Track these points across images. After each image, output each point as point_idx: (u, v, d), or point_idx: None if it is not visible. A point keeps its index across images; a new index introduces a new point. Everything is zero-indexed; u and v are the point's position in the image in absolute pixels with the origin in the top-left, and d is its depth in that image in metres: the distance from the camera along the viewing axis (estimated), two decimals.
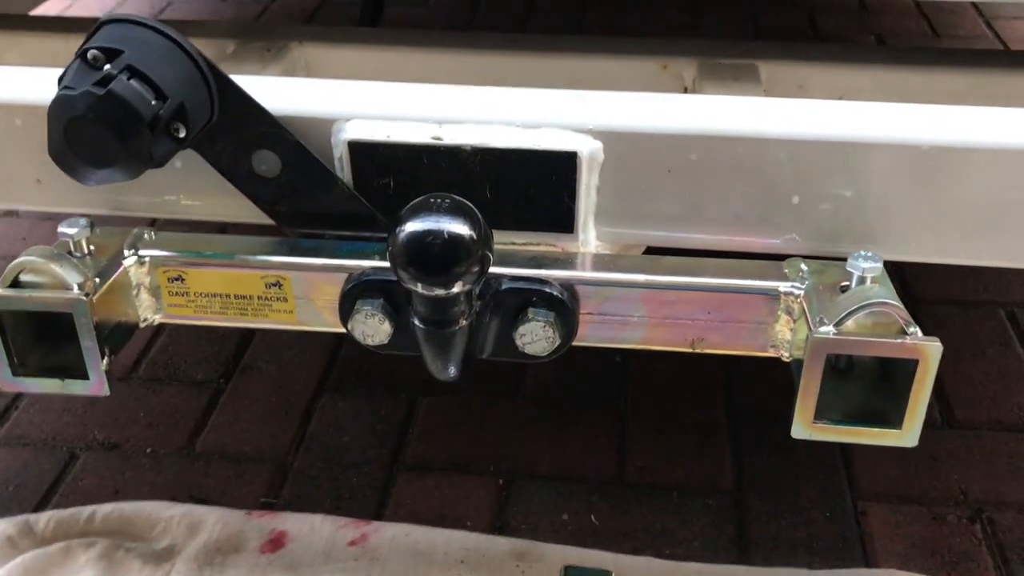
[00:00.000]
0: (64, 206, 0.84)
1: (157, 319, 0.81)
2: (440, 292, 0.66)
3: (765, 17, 2.59)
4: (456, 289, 0.66)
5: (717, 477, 1.29)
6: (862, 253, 0.72)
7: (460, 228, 0.64)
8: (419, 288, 0.66)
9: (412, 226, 0.64)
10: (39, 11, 1.36)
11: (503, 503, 1.25)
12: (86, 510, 1.19)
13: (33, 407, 1.41)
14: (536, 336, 0.75)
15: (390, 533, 1.17)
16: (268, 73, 0.93)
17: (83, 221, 0.77)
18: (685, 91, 0.96)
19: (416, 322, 0.70)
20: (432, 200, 0.66)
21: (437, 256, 0.64)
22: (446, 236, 0.64)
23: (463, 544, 1.16)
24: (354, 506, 1.25)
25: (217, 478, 1.29)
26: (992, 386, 1.42)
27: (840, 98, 0.88)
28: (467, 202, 0.66)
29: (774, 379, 1.44)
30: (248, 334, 1.55)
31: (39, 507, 1.24)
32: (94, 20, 1.05)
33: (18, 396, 1.43)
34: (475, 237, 0.65)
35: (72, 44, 1.00)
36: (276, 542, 1.17)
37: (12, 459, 1.32)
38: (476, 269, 0.66)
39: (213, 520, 1.19)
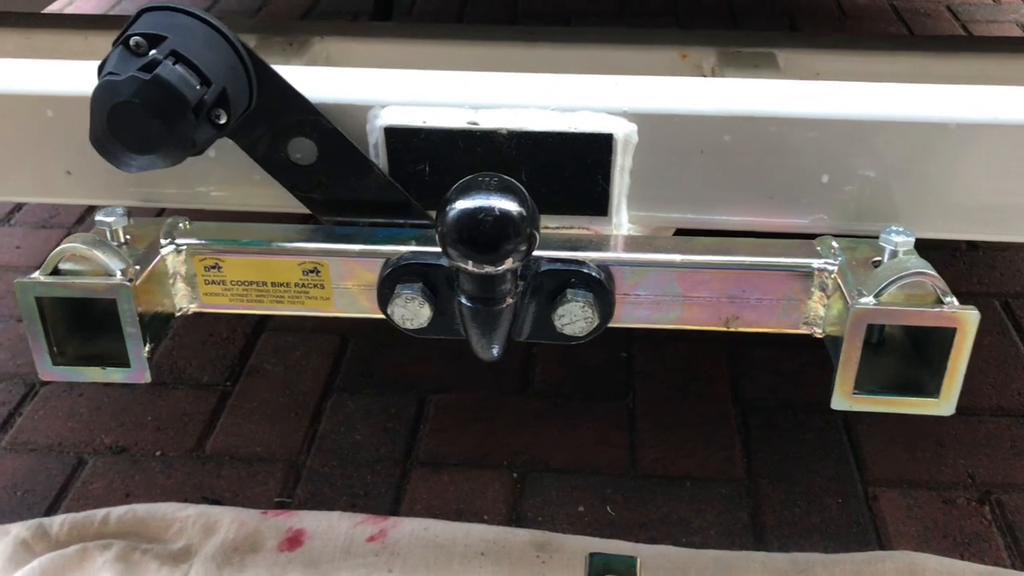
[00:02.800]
0: (94, 198, 0.84)
1: (193, 308, 0.81)
2: (489, 269, 0.67)
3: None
4: (505, 266, 0.67)
5: (728, 466, 1.30)
6: (894, 228, 0.74)
7: (510, 205, 0.65)
8: (469, 265, 0.66)
9: (462, 204, 0.65)
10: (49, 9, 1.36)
11: (518, 496, 1.25)
12: (100, 512, 1.18)
13: (38, 413, 1.40)
14: (575, 317, 0.75)
15: (409, 528, 1.17)
16: (291, 66, 0.93)
17: (120, 210, 0.77)
18: None
19: (463, 300, 0.71)
20: (480, 179, 0.67)
21: (488, 233, 0.65)
22: (497, 213, 0.65)
23: (483, 537, 1.16)
24: (370, 503, 1.25)
25: (229, 479, 1.29)
26: (992, 374, 1.45)
27: None
28: (514, 181, 0.67)
29: (778, 370, 1.46)
30: (253, 337, 1.55)
31: (49, 512, 1.23)
32: (107, 17, 1.05)
33: (22, 402, 1.41)
34: (524, 214, 0.66)
35: (91, 40, 1.00)
36: (294, 540, 1.16)
37: (19, 464, 1.31)
38: (524, 247, 0.67)
39: (229, 520, 1.18)
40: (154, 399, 1.42)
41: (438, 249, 0.73)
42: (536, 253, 0.74)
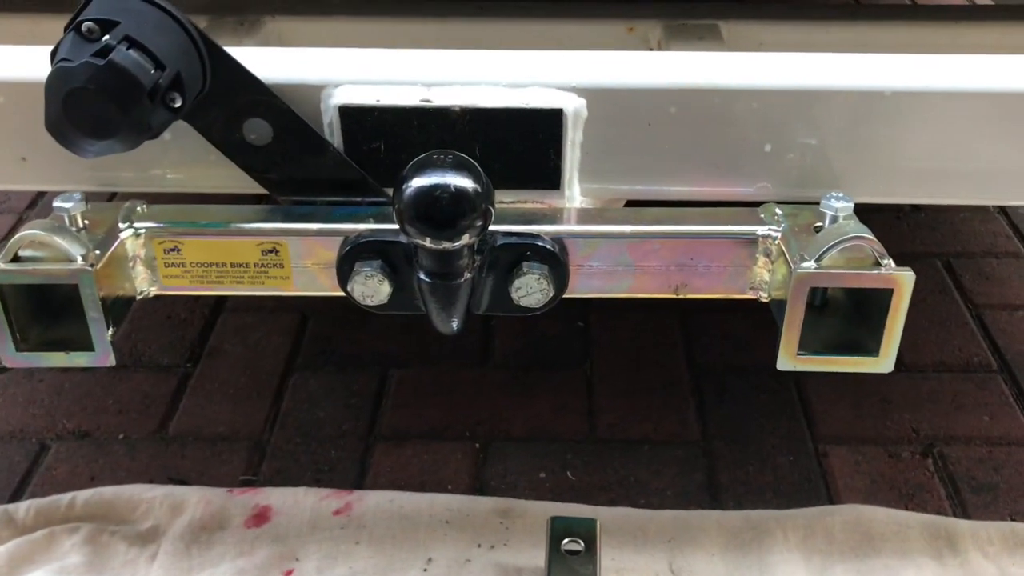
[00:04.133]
0: (49, 184, 0.84)
1: (154, 291, 0.81)
2: (447, 245, 0.69)
3: None
4: (462, 241, 0.69)
5: (683, 429, 1.34)
6: (834, 194, 0.77)
7: (465, 182, 0.67)
8: (427, 242, 0.68)
9: (418, 181, 0.67)
10: None
11: (481, 465, 1.28)
12: (66, 497, 1.18)
13: None
14: (531, 289, 0.78)
15: (374, 500, 1.20)
16: (243, 46, 0.94)
17: (77, 195, 0.77)
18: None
19: (422, 276, 0.73)
20: (436, 156, 0.68)
21: (444, 210, 0.67)
22: (453, 190, 0.67)
23: (447, 506, 1.19)
24: (334, 478, 1.27)
25: (194, 460, 1.30)
26: (934, 331, 1.50)
27: None
28: (469, 158, 0.69)
29: (730, 335, 1.50)
30: (212, 318, 1.55)
31: (14, 498, 1.23)
32: (55, 0, 1.04)
33: None
34: (479, 191, 0.68)
35: (42, 25, 1.00)
36: (260, 517, 1.18)
37: None
38: (480, 222, 0.69)
39: (195, 499, 1.19)
40: (115, 383, 1.42)
41: (396, 226, 0.75)
42: (492, 228, 0.76)
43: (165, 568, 1.11)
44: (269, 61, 0.78)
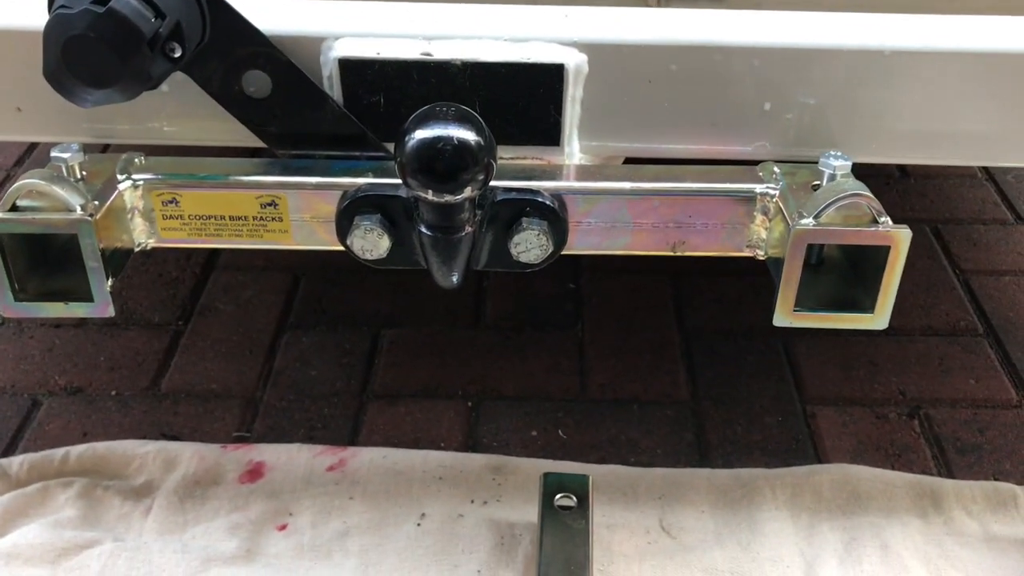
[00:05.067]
0: (45, 135, 0.84)
1: (151, 243, 0.81)
2: (449, 198, 0.69)
3: None
4: (464, 195, 0.69)
5: (673, 390, 1.35)
6: (832, 153, 0.78)
7: (468, 135, 0.67)
8: (429, 195, 0.68)
9: (421, 134, 0.67)
10: None
11: (473, 424, 1.29)
12: (59, 451, 1.18)
13: None
14: (530, 244, 0.78)
15: (367, 457, 1.21)
16: None
17: (75, 146, 0.77)
18: None
19: (423, 230, 0.73)
20: (438, 108, 0.68)
21: (447, 162, 0.67)
22: (455, 142, 0.67)
23: (440, 462, 1.20)
24: (328, 435, 1.27)
25: (186, 416, 1.30)
26: (922, 295, 1.52)
27: None
28: (471, 111, 0.69)
29: (720, 298, 1.51)
30: (203, 276, 1.55)
31: (6, 453, 1.23)
32: None
33: None
34: (482, 144, 0.68)
35: None
36: (254, 472, 1.19)
37: None
38: (482, 175, 0.69)
39: (188, 455, 1.20)
40: (106, 340, 1.42)
41: (395, 180, 0.75)
42: (492, 183, 0.77)
43: (159, 522, 1.12)
44: (269, 12, 0.77)
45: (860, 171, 0.79)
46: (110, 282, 0.75)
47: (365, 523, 1.12)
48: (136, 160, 0.80)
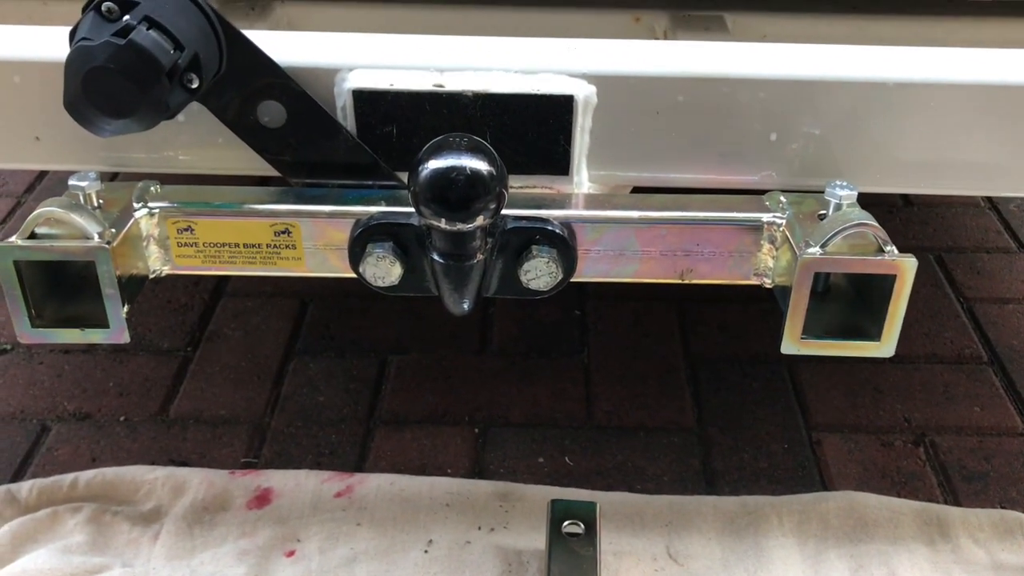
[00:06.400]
0: (62, 163, 0.85)
1: (166, 270, 0.82)
2: (461, 227, 0.70)
3: None
4: (476, 223, 0.70)
5: (679, 416, 1.36)
6: (838, 183, 0.79)
7: (480, 164, 0.68)
8: (442, 223, 0.69)
9: (435, 164, 0.68)
10: None
11: (480, 450, 1.30)
12: (68, 477, 1.19)
13: None
14: (540, 272, 0.79)
15: (375, 483, 1.21)
16: (254, 30, 0.95)
17: (92, 174, 0.78)
18: None
19: (436, 257, 0.74)
20: (451, 139, 0.69)
21: (460, 191, 0.68)
22: (468, 172, 0.68)
23: (447, 489, 1.20)
24: (335, 461, 1.28)
25: (195, 442, 1.31)
26: (927, 323, 1.53)
27: None
28: (483, 141, 0.70)
29: (725, 325, 1.52)
30: (211, 302, 1.56)
31: (16, 478, 1.24)
32: None
33: None
34: (494, 173, 0.69)
35: (50, 6, 1.00)
36: (262, 498, 1.19)
37: None
38: (494, 204, 0.70)
39: (197, 481, 1.20)
40: (115, 365, 1.43)
41: (407, 209, 0.76)
42: (503, 212, 0.78)
43: (168, 547, 1.12)
44: (284, 44, 0.79)
45: (864, 199, 0.81)
46: (126, 309, 0.76)
47: (373, 549, 1.12)
48: (152, 188, 0.81)
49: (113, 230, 0.75)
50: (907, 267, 0.73)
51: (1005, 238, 1.76)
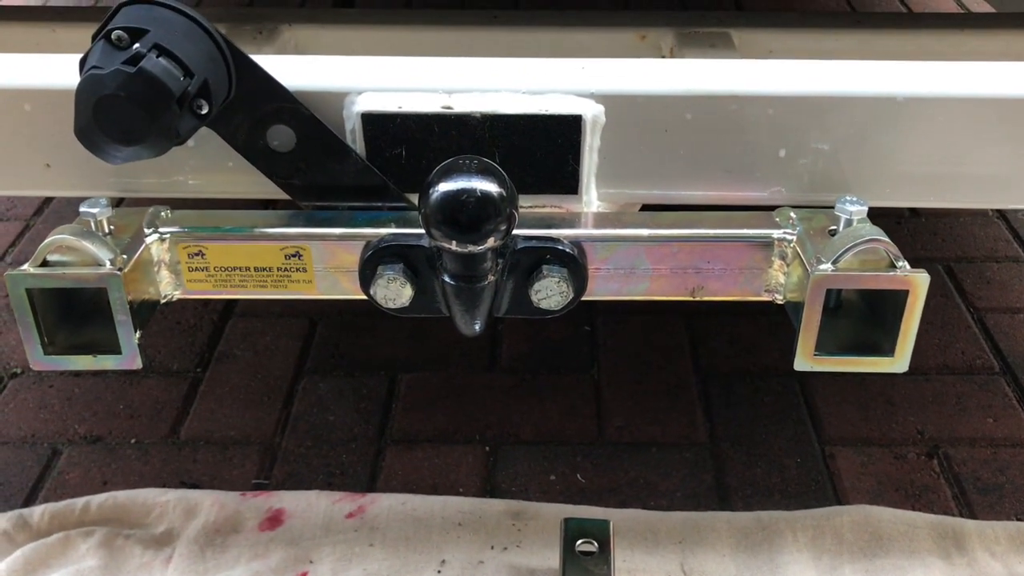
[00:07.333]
0: (72, 190, 0.85)
1: (177, 295, 0.83)
2: (472, 248, 0.70)
3: None
4: (487, 245, 0.70)
5: (691, 432, 1.35)
6: (848, 198, 0.79)
7: (491, 187, 0.68)
8: (453, 245, 0.69)
9: (445, 186, 0.68)
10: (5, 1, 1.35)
11: (492, 468, 1.29)
12: (80, 501, 1.19)
13: (8, 406, 1.40)
14: (551, 291, 0.79)
15: (387, 503, 1.21)
16: (262, 54, 0.95)
17: (103, 201, 0.78)
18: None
19: (447, 279, 0.74)
20: (462, 161, 0.70)
21: (471, 213, 0.68)
22: (479, 194, 0.68)
23: (459, 508, 1.20)
24: (346, 482, 1.27)
25: (206, 464, 1.30)
26: (937, 335, 1.52)
27: None
28: (493, 163, 0.70)
29: (735, 340, 1.52)
30: (220, 323, 1.56)
31: (27, 503, 1.24)
32: (72, 9, 1.06)
33: None
34: (504, 195, 0.69)
35: (58, 33, 1.01)
36: (274, 520, 1.19)
37: None
38: (505, 226, 0.70)
39: (208, 503, 1.20)
40: (125, 388, 1.43)
41: (418, 231, 0.76)
42: (512, 232, 0.78)
43: (180, 571, 1.12)
44: (293, 69, 0.79)
45: (872, 211, 0.80)
46: (138, 334, 0.76)
47: (386, 570, 1.12)
48: (162, 213, 0.81)
49: (124, 256, 0.76)
50: (920, 282, 0.73)
51: (1014, 247, 1.76)
